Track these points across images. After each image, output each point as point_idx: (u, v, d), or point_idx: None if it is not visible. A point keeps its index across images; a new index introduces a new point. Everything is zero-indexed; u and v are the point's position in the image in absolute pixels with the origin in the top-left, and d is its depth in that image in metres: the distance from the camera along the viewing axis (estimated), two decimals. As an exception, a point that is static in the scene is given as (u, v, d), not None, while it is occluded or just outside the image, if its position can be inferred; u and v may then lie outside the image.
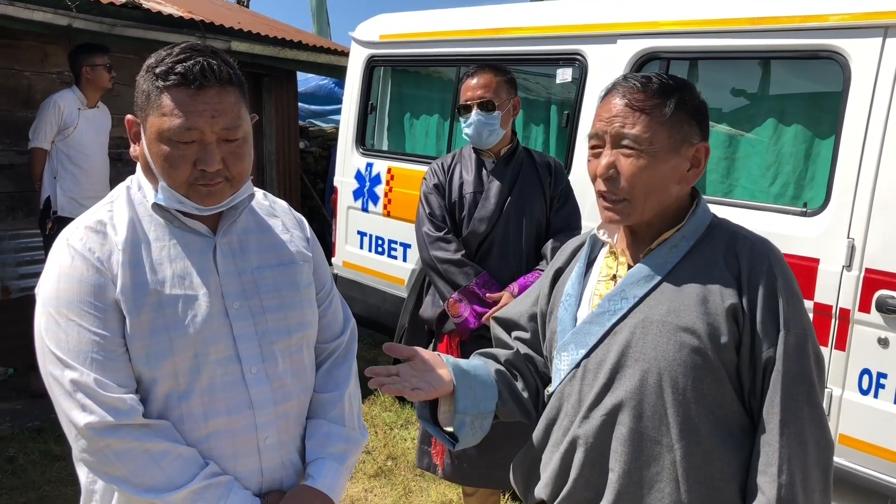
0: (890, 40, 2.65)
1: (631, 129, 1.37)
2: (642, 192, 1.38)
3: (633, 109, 1.38)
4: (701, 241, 1.42)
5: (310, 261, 1.57)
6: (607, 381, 1.41)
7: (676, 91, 1.40)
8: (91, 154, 4.60)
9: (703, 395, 1.34)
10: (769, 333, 1.33)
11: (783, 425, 1.31)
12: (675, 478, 1.35)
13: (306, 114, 9.33)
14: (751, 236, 1.42)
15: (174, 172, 1.35)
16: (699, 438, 1.34)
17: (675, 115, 1.38)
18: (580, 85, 3.61)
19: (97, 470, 1.37)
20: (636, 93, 1.39)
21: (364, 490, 3.69)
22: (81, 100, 4.55)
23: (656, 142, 1.37)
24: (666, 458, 1.36)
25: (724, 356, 1.34)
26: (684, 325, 1.35)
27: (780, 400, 1.31)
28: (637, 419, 1.38)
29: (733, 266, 1.37)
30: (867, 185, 2.67)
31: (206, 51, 1.36)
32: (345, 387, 1.59)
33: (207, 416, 1.40)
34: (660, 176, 1.38)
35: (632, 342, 1.39)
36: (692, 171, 1.43)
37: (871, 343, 2.65)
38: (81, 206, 4.50)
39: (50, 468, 3.70)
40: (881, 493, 2.63)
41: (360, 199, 4.67)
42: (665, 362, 1.35)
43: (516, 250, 2.79)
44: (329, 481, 1.48)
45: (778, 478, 1.29)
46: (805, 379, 1.33)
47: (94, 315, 1.34)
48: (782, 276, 1.36)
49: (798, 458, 1.30)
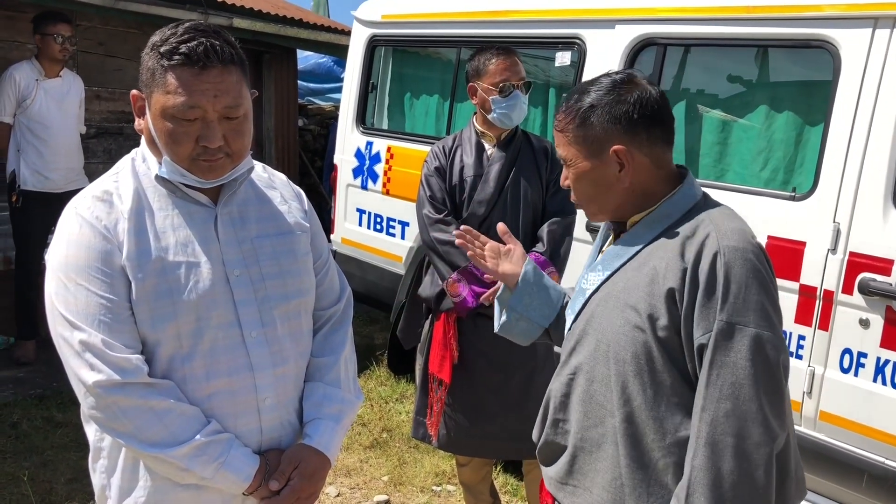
0: (879, 31, 2.70)
1: (561, 151, 1.54)
2: (585, 200, 1.56)
3: (557, 131, 1.54)
4: (676, 224, 1.47)
5: (307, 231, 1.64)
6: (574, 346, 1.56)
7: (588, 104, 1.48)
8: (53, 126, 4.49)
9: (641, 370, 1.42)
10: (703, 320, 1.35)
11: (703, 410, 1.35)
12: (615, 440, 1.46)
13: (305, 91, 9.32)
14: (715, 226, 1.42)
15: (177, 148, 1.41)
16: (632, 408, 1.43)
17: (581, 129, 1.49)
18: (578, 69, 3.65)
19: (105, 426, 1.43)
20: (558, 114, 1.54)
21: (360, 461, 3.78)
22: (39, 70, 4.45)
23: (574, 157, 1.51)
24: (608, 421, 1.47)
25: (664, 337, 1.40)
26: (631, 303, 1.44)
27: (704, 386, 1.35)
28: (589, 383, 1.51)
29: (688, 251, 1.40)
30: (853, 172, 2.74)
31: (210, 31, 1.41)
32: (340, 351, 1.66)
33: (209, 376, 1.46)
34: (590, 184, 1.52)
35: (595, 314, 1.52)
36: (623, 171, 1.48)
37: (852, 324, 2.73)
38: (46, 178, 4.47)
39: (53, 434, 3.78)
40: (859, 468, 2.72)
41: (359, 177, 4.72)
42: (612, 335, 1.46)
43: (514, 232, 2.82)
44: (325, 440, 1.56)
45: (692, 460, 1.35)
46: (736, 369, 1.33)
47: (101, 280, 1.40)
48: (729, 266, 1.36)
49: (706, 446, 1.33)
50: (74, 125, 4.69)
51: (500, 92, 2.77)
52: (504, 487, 3.62)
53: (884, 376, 2.67)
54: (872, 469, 2.69)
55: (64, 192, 4.47)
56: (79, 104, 4.74)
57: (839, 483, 2.78)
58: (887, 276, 2.62)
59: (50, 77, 4.51)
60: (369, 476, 3.66)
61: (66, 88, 4.60)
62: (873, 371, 2.68)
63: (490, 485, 3.14)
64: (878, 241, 2.66)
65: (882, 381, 2.67)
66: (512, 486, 3.64)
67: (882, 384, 2.67)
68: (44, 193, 4.49)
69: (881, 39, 2.69)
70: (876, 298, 2.65)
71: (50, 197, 4.45)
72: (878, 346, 2.67)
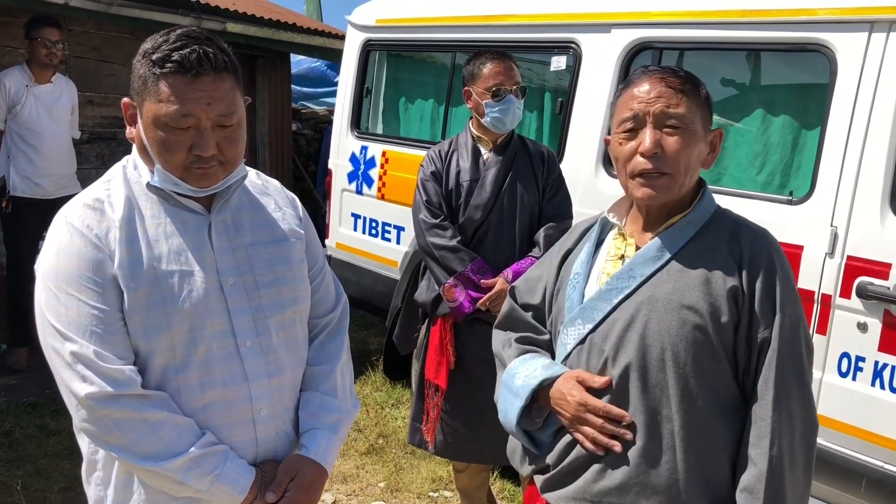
0: (875, 35, 2.70)
1: (676, 109, 1.44)
2: (683, 169, 1.46)
3: (676, 91, 1.45)
4: (706, 227, 1.51)
5: (302, 238, 1.62)
6: (612, 354, 1.48)
7: (699, 80, 1.50)
8: (43, 132, 4.45)
9: (703, 371, 1.42)
10: (766, 316, 1.42)
11: (776, 402, 1.39)
12: (672, 446, 1.43)
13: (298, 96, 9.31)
14: (753, 226, 1.51)
15: (170, 157, 1.39)
16: (697, 410, 1.42)
17: (702, 99, 1.48)
18: (574, 73, 3.65)
19: (98, 439, 1.41)
20: (672, 77, 1.47)
21: (356, 467, 3.76)
22: (30, 76, 4.41)
23: (696, 122, 1.46)
24: (665, 427, 1.43)
25: (723, 335, 1.42)
26: (688, 304, 1.43)
27: (774, 378, 1.40)
28: (641, 390, 1.45)
29: (736, 252, 1.46)
30: (850, 176, 2.73)
31: (202, 38, 1.39)
32: (337, 360, 1.64)
33: (204, 387, 1.44)
34: (696, 155, 1.47)
35: (637, 318, 1.46)
36: (711, 155, 1.53)
37: (850, 328, 2.72)
38: (36, 185, 4.43)
39: (46, 442, 3.75)
40: (858, 472, 2.71)
41: (354, 182, 4.71)
42: (668, 338, 1.43)
43: (510, 237, 2.84)
44: (322, 450, 1.54)
45: (769, 450, 1.38)
46: (797, 360, 1.42)
47: (92, 290, 1.38)
48: (780, 264, 1.45)
49: (787, 433, 1.39)
50: (66, 131, 4.64)
51: (493, 96, 2.76)
52: (501, 493, 3.60)
53: (882, 380, 2.66)
54: (871, 473, 2.68)
55: (55, 198, 4.44)
56: (71, 109, 4.69)
57: (838, 487, 2.77)
58: (885, 280, 2.62)
59: (41, 82, 4.47)
60: (366, 482, 3.64)
61: (57, 94, 4.56)
62: (871, 375, 2.68)
63: (487, 491, 3.13)
64: (876, 244, 2.66)
65: (880, 385, 2.66)
66: (509, 492, 3.62)
67: (880, 388, 2.66)
68: (34, 200, 4.46)
69: (877, 43, 2.69)
70: (874, 302, 2.65)
71: (41, 203, 4.42)
72: (877, 350, 2.66)
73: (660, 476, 1.43)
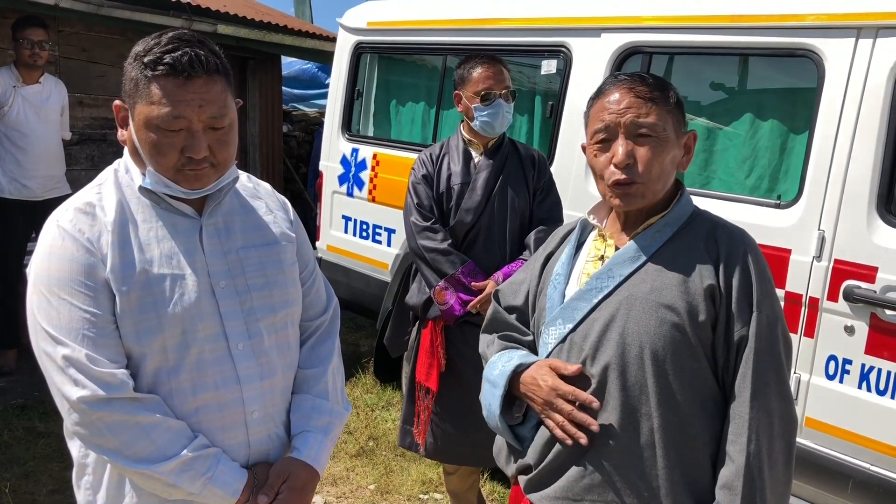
0: (862, 41, 2.73)
1: (646, 118, 1.47)
2: (657, 176, 1.48)
3: (645, 100, 1.47)
4: (683, 228, 1.53)
5: (293, 241, 1.62)
6: (591, 353, 1.50)
7: (668, 85, 1.53)
8: (31, 133, 4.41)
9: (681, 369, 1.44)
10: (743, 314, 1.44)
11: (753, 399, 1.41)
12: (652, 444, 1.44)
13: (289, 98, 9.31)
14: (729, 226, 1.54)
15: (162, 159, 1.39)
16: (676, 408, 1.44)
17: (672, 104, 1.50)
18: (564, 76, 3.67)
19: (89, 442, 1.41)
20: (641, 85, 1.49)
21: (346, 469, 3.76)
22: (17, 77, 4.38)
23: (668, 128, 1.48)
24: (644, 425, 1.45)
25: (701, 333, 1.44)
26: (666, 303, 1.45)
27: (752, 376, 1.42)
28: (620, 389, 1.46)
29: (713, 251, 1.48)
30: (838, 180, 2.76)
31: (194, 40, 1.39)
32: (328, 362, 1.65)
33: (196, 390, 1.44)
34: (669, 161, 1.50)
35: (616, 317, 1.48)
36: (685, 158, 1.55)
37: (837, 330, 2.74)
38: (24, 186, 4.39)
39: (35, 444, 3.73)
40: (844, 474, 2.73)
41: (345, 184, 4.71)
42: (647, 336, 1.44)
43: (501, 240, 2.85)
44: (314, 453, 1.54)
45: (747, 447, 1.40)
46: (774, 357, 1.44)
47: (84, 294, 1.38)
48: (756, 262, 1.47)
49: (765, 429, 1.41)
50: (54, 132, 4.60)
51: (482, 100, 2.77)
52: (491, 495, 3.61)
53: (868, 383, 2.68)
54: (857, 475, 2.70)
55: (44, 200, 4.43)
56: (60, 110, 4.66)
57: (824, 489, 2.79)
58: (871, 283, 2.65)
59: (28, 83, 4.43)
60: (356, 485, 3.64)
61: (45, 95, 4.52)
62: (858, 378, 2.70)
63: (477, 493, 3.13)
64: (863, 248, 2.68)
65: (867, 387, 2.69)
66: (499, 494, 3.63)
67: (867, 391, 2.69)
68: (22, 201, 4.43)
69: (864, 49, 2.72)
70: (860, 305, 2.67)
71: (29, 205, 4.40)
72: (863, 353, 2.69)
73: (641, 473, 1.45)
